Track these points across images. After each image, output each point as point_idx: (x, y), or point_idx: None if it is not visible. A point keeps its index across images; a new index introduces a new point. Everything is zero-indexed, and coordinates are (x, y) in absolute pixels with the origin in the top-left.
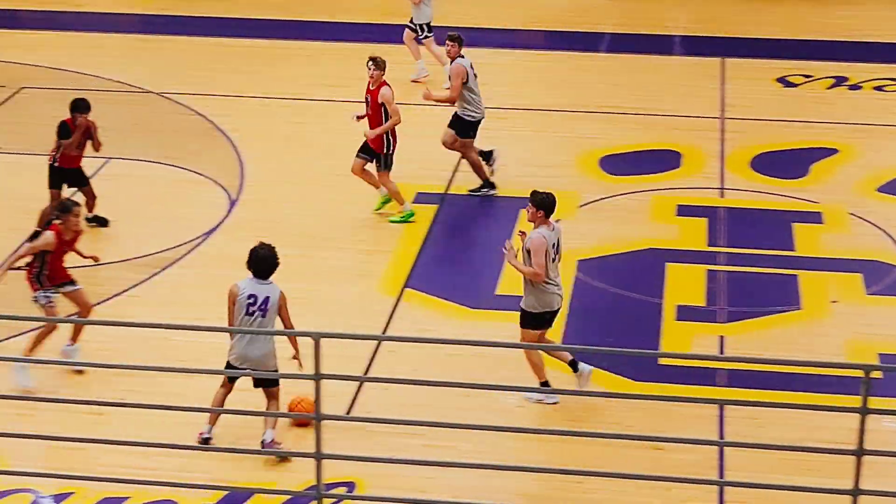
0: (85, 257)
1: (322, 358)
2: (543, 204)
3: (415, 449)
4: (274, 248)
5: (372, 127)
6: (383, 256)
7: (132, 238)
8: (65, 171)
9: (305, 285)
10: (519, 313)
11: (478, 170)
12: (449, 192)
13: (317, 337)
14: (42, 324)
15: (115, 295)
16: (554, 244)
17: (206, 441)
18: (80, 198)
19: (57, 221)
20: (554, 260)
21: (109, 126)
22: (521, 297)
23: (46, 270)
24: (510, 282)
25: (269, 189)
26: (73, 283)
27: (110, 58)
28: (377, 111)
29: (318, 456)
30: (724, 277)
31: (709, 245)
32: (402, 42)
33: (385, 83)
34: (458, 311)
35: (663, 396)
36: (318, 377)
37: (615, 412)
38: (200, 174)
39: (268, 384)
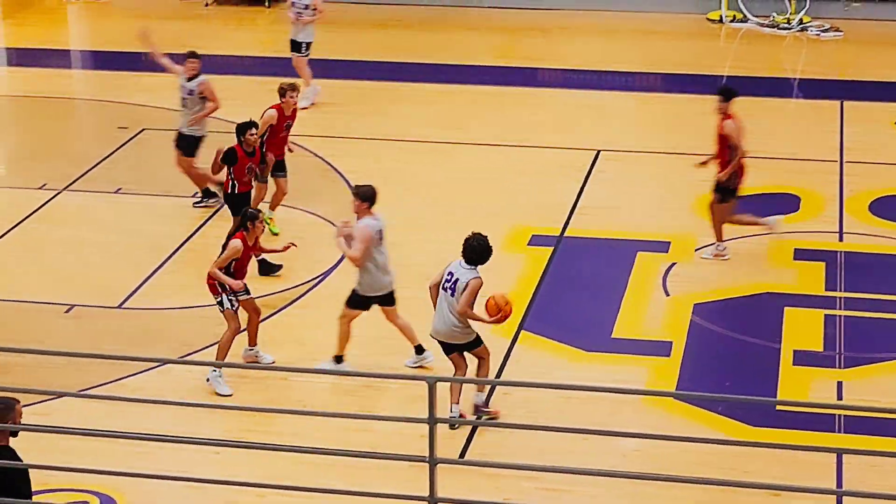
0: (278, 250)
1: (437, 401)
2: (367, 196)
3: (530, 492)
4: (486, 238)
5: (282, 150)
6: None
7: (250, 279)
8: (244, 196)
9: (422, 326)
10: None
11: (199, 180)
12: (565, 234)
13: (432, 381)
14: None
15: None
16: (379, 231)
17: (478, 412)
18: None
19: (243, 230)
20: (378, 246)
21: None
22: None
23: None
24: (626, 324)
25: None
26: (247, 291)
27: (230, 100)
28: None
29: (433, 500)
30: (842, 322)
31: (827, 289)
32: (516, 84)
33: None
34: (574, 354)
35: (781, 444)
36: (432, 421)
37: (732, 457)
38: (317, 215)
39: (467, 348)
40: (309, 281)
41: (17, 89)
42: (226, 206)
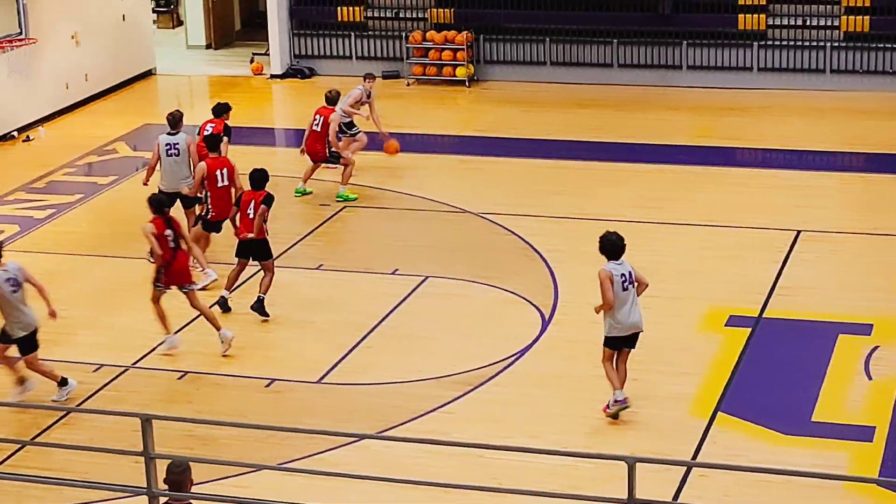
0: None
1: (636, 481)
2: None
3: None
4: (615, 233)
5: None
6: (696, 378)
7: (448, 355)
8: None
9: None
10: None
11: None
12: (763, 315)
13: (631, 462)
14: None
15: (430, 411)
16: (10, 279)
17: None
18: None
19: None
20: (15, 292)
21: (429, 244)
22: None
23: None
24: (827, 408)
25: (582, 309)
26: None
27: (430, 178)
28: None
29: None
30: None
31: None
32: (715, 164)
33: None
34: (773, 437)
35: None
36: (631, 502)
37: None
38: (515, 293)
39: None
40: (505, 359)
41: None
42: (428, 281)
